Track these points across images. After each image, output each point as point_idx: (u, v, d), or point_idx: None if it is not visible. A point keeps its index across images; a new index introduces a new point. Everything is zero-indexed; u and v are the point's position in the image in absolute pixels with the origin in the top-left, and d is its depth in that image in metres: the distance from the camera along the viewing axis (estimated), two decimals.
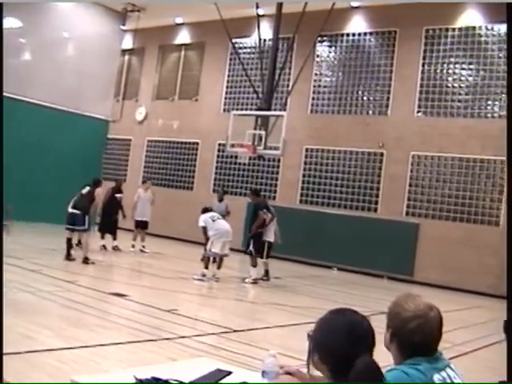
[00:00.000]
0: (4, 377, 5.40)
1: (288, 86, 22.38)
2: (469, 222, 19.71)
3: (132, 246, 18.44)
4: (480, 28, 20.33)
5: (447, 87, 20.77)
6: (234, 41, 21.90)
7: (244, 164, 21.78)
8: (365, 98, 22.52)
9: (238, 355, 7.28)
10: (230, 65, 25.69)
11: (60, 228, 15.44)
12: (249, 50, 24.96)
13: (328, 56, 23.49)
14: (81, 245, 15.35)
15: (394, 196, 21.06)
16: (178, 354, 7.03)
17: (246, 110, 23.31)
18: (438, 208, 20.36)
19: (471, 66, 20.43)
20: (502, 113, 19.45)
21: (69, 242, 14.45)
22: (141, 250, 18.45)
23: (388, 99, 21.81)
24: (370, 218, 21.28)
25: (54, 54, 23.52)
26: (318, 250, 21.46)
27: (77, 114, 24.10)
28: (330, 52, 23.47)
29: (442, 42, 20.95)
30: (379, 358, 2.37)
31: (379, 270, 20.50)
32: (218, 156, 25.15)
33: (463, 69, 20.59)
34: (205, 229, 14.48)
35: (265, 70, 20.04)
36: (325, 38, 23.08)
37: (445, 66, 20.90)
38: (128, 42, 27.91)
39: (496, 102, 19.81)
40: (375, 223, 20.97)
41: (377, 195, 21.55)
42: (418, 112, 21.18)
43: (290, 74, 23.15)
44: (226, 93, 25.64)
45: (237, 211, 20.05)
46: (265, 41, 22.33)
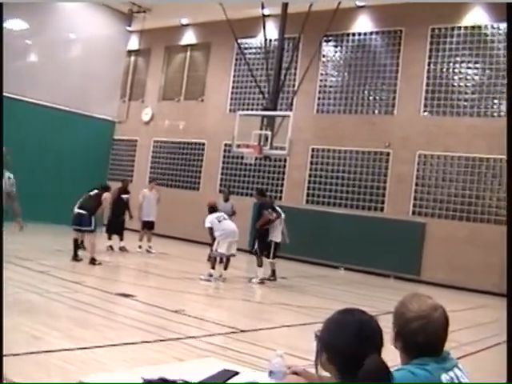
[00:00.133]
0: (12, 377, 5.44)
1: (294, 86, 22.38)
2: (475, 221, 19.68)
3: (139, 247, 18.46)
4: (486, 27, 20.28)
5: (453, 86, 20.74)
6: (239, 41, 21.92)
7: (250, 164, 21.76)
8: (371, 98, 22.50)
9: (244, 355, 7.28)
10: (235, 65, 25.70)
11: (67, 229, 15.47)
12: (254, 51, 24.96)
13: (334, 56, 23.47)
14: (83, 245, 15.38)
15: (401, 195, 21.03)
16: (184, 355, 7.03)
17: (252, 110, 23.31)
18: (444, 207, 20.32)
19: (477, 65, 20.38)
20: None
21: (75, 242, 14.52)
22: (147, 251, 18.47)
23: (394, 99, 21.78)
24: (377, 217, 21.26)
25: (60, 55, 23.56)
26: (325, 249, 21.45)
27: (83, 115, 24.15)
28: (335, 52, 23.45)
29: (447, 41, 20.90)
30: (387, 358, 2.37)
31: (386, 270, 20.48)
32: (224, 156, 25.16)
33: (469, 68, 20.55)
34: (211, 229, 14.49)
35: (270, 70, 20.05)
36: (330, 38, 23.08)
37: (451, 65, 20.86)
38: (134, 42, 27.94)
39: (502, 101, 19.73)
40: (382, 223, 20.94)
41: (383, 195, 21.53)
42: (424, 111, 21.15)
43: (295, 74, 23.15)
44: (232, 93, 25.65)
45: (243, 211, 20.05)
46: (270, 41, 22.33)
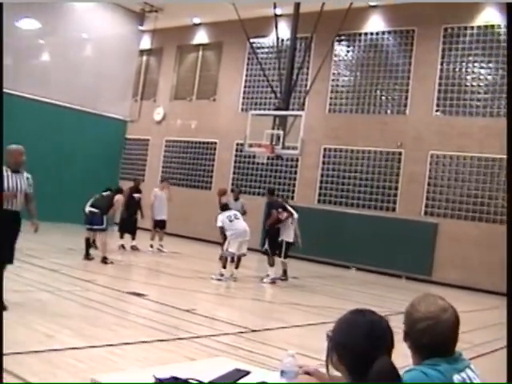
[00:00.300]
0: (24, 376, 5.47)
1: (306, 86, 22.37)
2: (488, 221, 19.58)
3: (150, 246, 18.47)
4: (499, 26, 20.15)
5: (466, 86, 20.65)
6: (251, 41, 21.93)
7: (262, 164, 21.76)
8: (383, 98, 22.45)
9: (256, 355, 7.28)
10: (247, 65, 25.70)
11: (79, 227, 15.53)
12: (267, 50, 24.95)
13: (346, 55, 23.43)
14: (94, 244, 15.43)
15: (413, 196, 20.97)
16: (196, 354, 7.04)
17: (264, 109, 23.30)
18: (456, 207, 20.25)
19: (490, 65, 20.29)
20: None
21: (87, 241, 14.59)
22: (159, 250, 18.50)
23: (406, 98, 21.72)
24: (389, 217, 21.21)
25: (72, 54, 23.64)
26: (337, 249, 21.42)
27: (95, 114, 24.25)
28: (347, 51, 23.41)
29: (460, 41, 20.83)
30: (399, 359, 2.36)
31: (398, 270, 20.43)
32: (235, 156, 25.17)
33: (482, 67, 20.45)
34: (222, 229, 14.50)
35: (283, 70, 20.04)
36: (343, 38, 23.03)
37: (463, 64, 20.78)
38: (146, 42, 27.99)
39: None
40: (394, 223, 20.90)
41: (395, 195, 21.47)
42: (437, 111, 21.08)
43: (307, 74, 23.14)
44: (244, 92, 25.66)
45: (254, 211, 20.05)
46: (282, 40, 22.32)
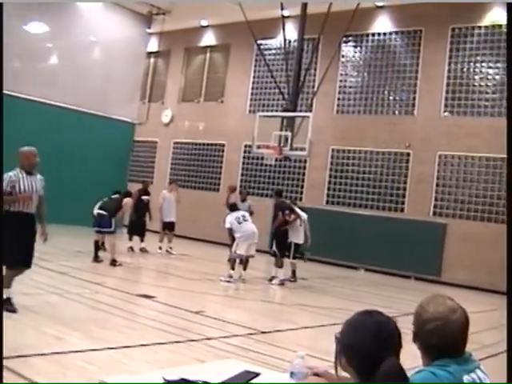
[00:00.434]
0: (33, 378, 5.48)
1: (313, 87, 22.37)
2: (497, 221, 19.50)
3: (159, 248, 18.49)
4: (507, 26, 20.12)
5: (474, 86, 20.61)
6: (259, 42, 21.93)
7: (270, 165, 21.78)
8: (391, 98, 22.41)
9: (265, 356, 7.28)
10: (255, 66, 25.71)
11: (88, 230, 15.55)
12: (274, 52, 24.95)
13: (353, 56, 23.41)
14: (103, 246, 15.45)
15: (421, 196, 20.93)
16: (205, 356, 7.04)
17: (272, 111, 23.31)
18: (465, 208, 20.20)
19: (498, 65, 20.22)
20: None
21: (96, 244, 14.62)
22: (167, 252, 18.52)
23: (414, 99, 21.68)
24: (397, 218, 21.18)
25: (80, 57, 23.70)
26: (345, 250, 21.40)
27: (103, 116, 24.31)
28: (355, 52, 23.39)
29: (468, 41, 20.78)
30: (408, 360, 2.36)
31: (406, 271, 20.40)
32: (243, 157, 25.18)
33: (490, 67, 20.40)
34: (230, 230, 14.52)
35: (290, 71, 20.04)
36: (350, 39, 23.02)
37: (471, 64, 20.74)
38: (153, 44, 28.05)
39: None
40: (402, 224, 20.86)
41: (403, 195, 21.44)
42: (445, 111, 21.04)
43: (315, 75, 23.12)
44: (252, 94, 25.67)
45: (263, 212, 20.04)
46: (290, 42, 22.32)
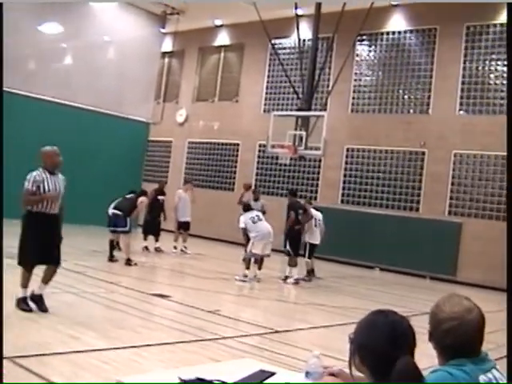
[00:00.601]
0: (49, 377, 5.51)
1: (328, 86, 22.33)
2: None
3: (174, 248, 18.53)
4: None
5: (489, 84, 20.50)
6: (273, 41, 21.91)
7: (285, 165, 21.77)
8: (406, 97, 22.33)
9: (280, 356, 7.28)
10: (269, 65, 25.69)
11: (103, 229, 15.59)
12: (288, 51, 24.91)
13: (368, 55, 23.35)
14: (118, 246, 15.49)
15: (436, 195, 20.85)
16: (220, 355, 7.05)
17: (287, 110, 23.31)
18: (480, 207, 20.10)
19: None
20: None
21: (111, 243, 14.67)
22: (182, 251, 18.55)
23: (429, 97, 21.60)
24: (412, 217, 21.11)
25: (94, 57, 23.81)
26: (360, 250, 21.35)
27: (118, 116, 24.40)
28: (369, 51, 23.33)
29: (483, 39, 20.68)
30: (424, 360, 2.35)
31: (421, 270, 20.32)
32: (258, 157, 25.17)
33: (505, 65, 20.27)
34: (245, 230, 14.53)
35: (304, 71, 20.01)
36: (364, 37, 22.96)
37: (486, 62, 20.63)
38: (168, 44, 28.10)
39: None
40: (417, 223, 20.79)
41: (418, 194, 21.36)
42: (460, 110, 20.94)
43: (329, 74, 23.08)
44: (266, 93, 25.66)
45: (277, 211, 19.99)
46: (304, 41, 22.31)
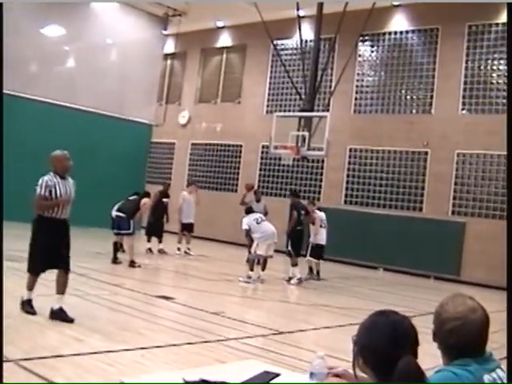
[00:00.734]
0: (54, 379, 5.51)
1: (330, 87, 22.32)
2: None
3: (177, 249, 18.53)
4: None
5: (491, 84, 20.49)
6: (275, 42, 21.93)
7: (288, 165, 21.75)
8: (408, 97, 22.34)
9: (285, 357, 7.28)
10: (271, 66, 25.70)
11: (106, 232, 15.60)
12: (290, 52, 24.93)
13: (370, 55, 23.35)
14: (122, 248, 15.49)
15: (440, 195, 20.83)
16: (225, 357, 7.05)
17: (289, 111, 23.32)
18: (484, 206, 20.08)
19: None
20: None
21: (115, 245, 14.68)
22: (186, 253, 18.54)
23: (432, 97, 21.59)
24: (416, 217, 21.09)
25: (97, 59, 23.82)
26: (364, 250, 21.33)
27: (121, 118, 24.40)
28: (372, 51, 23.33)
29: (485, 38, 20.66)
30: (427, 360, 2.35)
31: (425, 270, 20.31)
32: (261, 158, 25.18)
33: (507, 64, 20.27)
34: (248, 231, 14.52)
35: (307, 71, 20.01)
36: (366, 38, 22.96)
37: (489, 62, 20.63)
38: (170, 46, 28.10)
39: None
40: (421, 223, 20.77)
41: (422, 194, 21.35)
42: (463, 110, 20.93)
43: (332, 75, 23.09)
44: (269, 94, 25.66)
45: (280, 212, 19.98)
46: (306, 42, 22.30)
